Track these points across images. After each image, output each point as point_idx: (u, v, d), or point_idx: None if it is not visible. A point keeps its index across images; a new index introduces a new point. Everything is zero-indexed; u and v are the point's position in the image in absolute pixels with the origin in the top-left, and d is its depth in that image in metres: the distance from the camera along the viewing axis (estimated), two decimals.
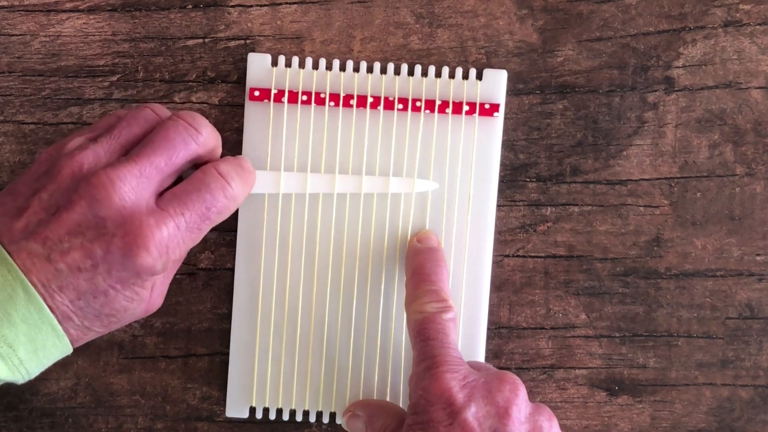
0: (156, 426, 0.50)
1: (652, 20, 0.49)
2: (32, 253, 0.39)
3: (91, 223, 0.39)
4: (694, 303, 0.50)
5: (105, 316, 0.41)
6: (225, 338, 0.49)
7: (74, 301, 0.40)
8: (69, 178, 0.40)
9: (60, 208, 0.40)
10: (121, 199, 0.40)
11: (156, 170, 0.41)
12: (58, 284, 0.39)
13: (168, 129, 0.42)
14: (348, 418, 0.48)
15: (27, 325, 0.39)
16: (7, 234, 0.40)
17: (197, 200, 0.42)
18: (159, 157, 0.41)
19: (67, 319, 0.40)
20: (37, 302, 0.39)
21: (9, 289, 0.39)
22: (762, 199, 0.50)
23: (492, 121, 0.48)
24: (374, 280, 0.49)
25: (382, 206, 0.49)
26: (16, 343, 0.39)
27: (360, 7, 0.49)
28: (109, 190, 0.40)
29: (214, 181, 0.43)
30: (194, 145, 0.43)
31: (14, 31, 0.49)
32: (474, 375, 0.43)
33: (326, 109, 0.48)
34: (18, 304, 0.39)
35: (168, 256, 0.41)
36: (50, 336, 0.40)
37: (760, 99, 0.50)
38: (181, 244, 0.41)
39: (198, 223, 0.42)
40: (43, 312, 0.39)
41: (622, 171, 0.50)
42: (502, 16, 0.49)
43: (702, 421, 0.51)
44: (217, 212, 0.42)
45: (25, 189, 0.41)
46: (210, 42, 0.49)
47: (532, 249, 0.50)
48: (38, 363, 0.40)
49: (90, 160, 0.41)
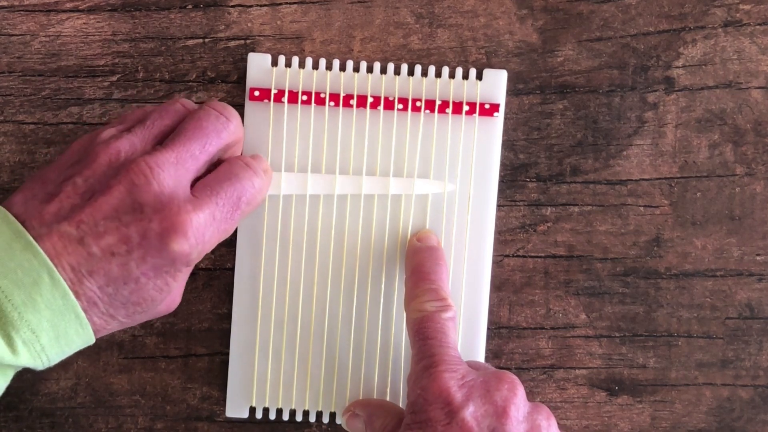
0: (156, 426, 0.50)
1: (652, 20, 0.49)
2: (64, 236, 0.39)
3: (128, 208, 0.40)
4: (694, 303, 0.50)
5: (132, 305, 0.41)
6: (225, 338, 0.49)
7: (103, 287, 0.40)
8: (106, 164, 0.41)
9: (96, 193, 0.40)
10: (159, 185, 0.40)
11: (191, 158, 0.42)
12: (88, 268, 0.39)
13: (200, 118, 0.43)
14: (348, 418, 0.48)
15: (51, 311, 0.39)
16: (37, 217, 0.40)
17: (229, 188, 0.42)
18: (194, 145, 0.42)
19: (93, 305, 0.40)
20: (62, 288, 0.39)
21: (35, 275, 0.38)
22: (762, 199, 0.50)
23: (492, 121, 0.48)
24: (375, 280, 0.49)
25: (382, 206, 0.49)
26: (39, 329, 0.39)
27: (360, 7, 0.49)
28: (149, 176, 0.40)
29: (243, 171, 0.43)
30: (225, 134, 0.43)
31: (14, 31, 0.49)
32: (472, 374, 0.43)
33: (326, 109, 0.48)
34: (43, 289, 0.38)
35: (203, 245, 0.41)
36: (73, 323, 0.39)
37: (760, 99, 0.50)
38: (215, 233, 0.42)
39: (231, 212, 0.42)
40: (68, 298, 0.39)
41: (622, 171, 0.50)
42: (502, 16, 0.49)
43: (702, 421, 0.51)
44: (246, 202, 0.43)
45: (55, 176, 0.41)
46: (210, 42, 0.49)
47: (532, 249, 0.50)
48: (59, 350, 0.40)
49: (127, 148, 0.41)
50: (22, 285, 0.38)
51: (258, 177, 0.44)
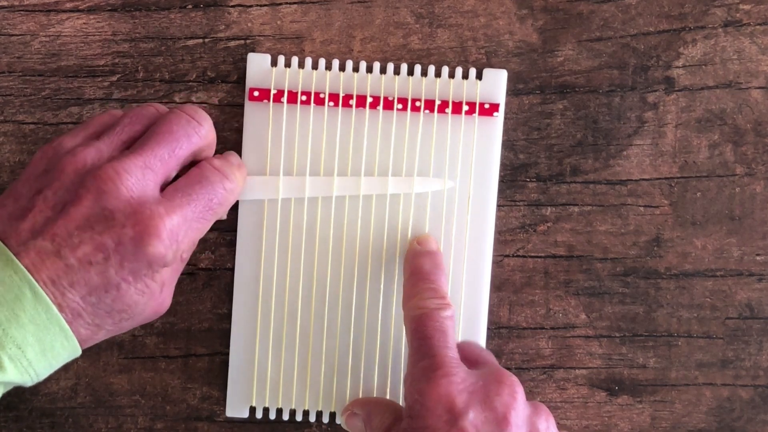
0: (156, 426, 0.50)
1: (652, 20, 0.49)
2: (41, 251, 0.39)
3: (99, 216, 0.39)
4: (694, 303, 0.50)
5: (116, 312, 0.41)
6: (225, 338, 0.49)
7: (85, 297, 0.40)
8: (73, 174, 0.40)
9: (67, 204, 0.40)
10: (128, 190, 0.40)
11: (160, 162, 0.41)
12: (68, 280, 0.39)
13: (171, 122, 0.43)
14: (347, 418, 0.48)
15: (35, 326, 0.39)
16: (14, 235, 0.40)
17: (200, 191, 0.42)
18: (163, 149, 0.42)
19: (78, 316, 0.40)
20: (44, 302, 0.39)
21: (16, 290, 0.38)
22: (762, 199, 0.50)
23: (492, 121, 0.48)
24: (374, 279, 0.49)
25: (381, 206, 0.49)
26: (25, 345, 0.39)
27: (360, 7, 0.49)
28: (116, 181, 0.40)
29: (213, 174, 0.43)
30: (196, 138, 0.43)
31: (14, 31, 0.49)
32: (471, 377, 0.42)
33: (325, 109, 0.48)
34: (26, 304, 0.38)
35: (178, 246, 0.41)
36: (59, 337, 0.39)
37: (760, 99, 0.50)
38: (189, 233, 0.42)
39: (203, 213, 0.42)
40: (51, 312, 0.39)
41: (622, 171, 0.50)
42: (502, 16, 0.49)
43: (702, 421, 0.51)
44: (218, 203, 0.43)
45: (25, 190, 0.41)
46: (210, 42, 0.49)
47: (532, 249, 0.50)
48: (47, 365, 0.40)
49: (93, 156, 0.41)
50: (5, 301, 0.38)
51: (229, 180, 0.44)
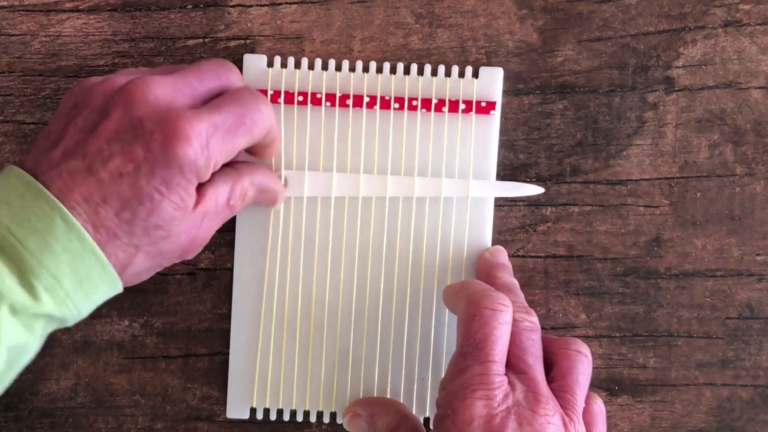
0: (156, 426, 0.50)
1: (652, 20, 0.49)
2: (72, 171, 0.39)
3: (128, 126, 0.40)
4: (694, 303, 0.50)
5: (152, 229, 0.40)
6: (225, 338, 0.49)
7: (119, 213, 0.39)
8: (102, 98, 0.41)
9: (97, 124, 0.40)
10: (155, 98, 0.40)
11: (189, 86, 0.42)
12: (101, 195, 0.39)
13: (201, 63, 0.44)
14: (349, 419, 0.47)
15: (69, 255, 0.39)
16: (45, 163, 0.40)
17: (232, 104, 0.42)
18: (191, 77, 0.42)
19: (114, 237, 0.40)
20: (76, 230, 0.39)
21: (48, 219, 0.38)
22: (762, 199, 0.50)
23: (488, 119, 0.48)
24: (373, 278, 0.49)
25: (380, 206, 0.49)
26: (60, 274, 0.39)
27: (360, 7, 0.49)
28: (144, 90, 0.40)
29: (247, 93, 0.43)
30: (224, 78, 0.43)
31: (14, 31, 0.49)
32: (510, 397, 0.40)
33: (322, 109, 0.48)
34: (57, 232, 0.38)
35: (209, 153, 0.40)
36: (95, 266, 0.39)
37: (760, 99, 0.50)
38: (220, 143, 0.41)
39: (235, 126, 0.42)
40: (84, 240, 0.39)
41: (622, 171, 0.50)
42: (502, 16, 0.49)
43: (702, 421, 0.51)
44: (252, 122, 0.42)
45: (57, 125, 0.41)
46: (210, 42, 0.49)
47: (532, 249, 0.50)
48: (84, 296, 0.40)
49: (122, 79, 0.41)
50: (36, 231, 0.38)
51: (265, 105, 0.43)
